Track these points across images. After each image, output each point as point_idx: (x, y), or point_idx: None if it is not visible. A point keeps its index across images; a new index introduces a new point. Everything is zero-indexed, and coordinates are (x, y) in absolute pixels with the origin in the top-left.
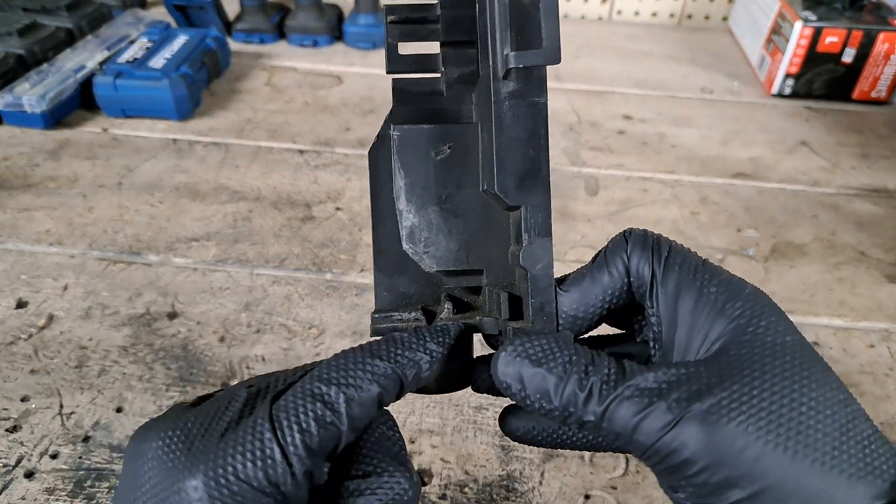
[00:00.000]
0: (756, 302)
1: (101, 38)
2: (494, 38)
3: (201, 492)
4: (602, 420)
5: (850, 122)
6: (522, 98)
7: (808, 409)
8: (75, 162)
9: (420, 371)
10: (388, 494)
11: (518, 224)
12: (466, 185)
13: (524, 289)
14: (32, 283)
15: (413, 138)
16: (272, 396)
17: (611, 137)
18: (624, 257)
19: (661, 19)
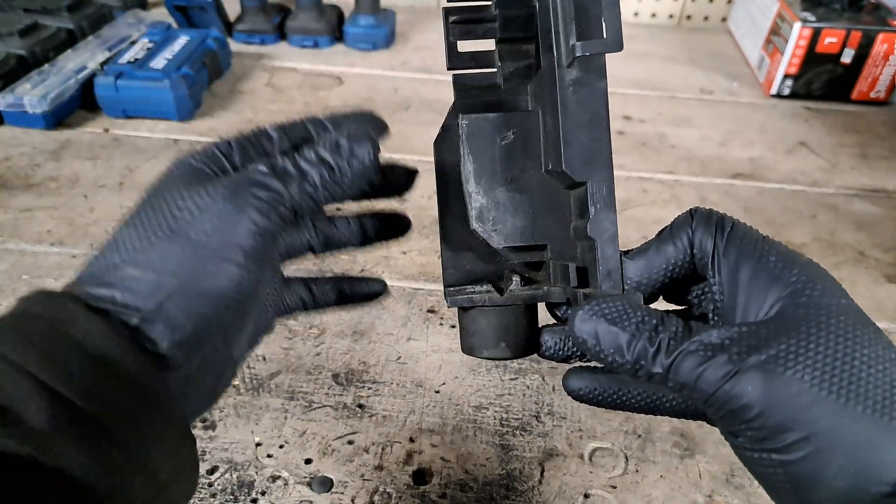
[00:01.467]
0: (811, 270)
1: (102, 38)
2: (558, 32)
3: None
4: (669, 372)
5: (850, 123)
6: (585, 84)
7: (861, 363)
8: (76, 162)
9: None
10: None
11: (583, 200)
12: (529, 167)
13: (591, 258)
14: (34, 283)
15: (480, 126)
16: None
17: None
18: (689, 231)
19: (660, 20)
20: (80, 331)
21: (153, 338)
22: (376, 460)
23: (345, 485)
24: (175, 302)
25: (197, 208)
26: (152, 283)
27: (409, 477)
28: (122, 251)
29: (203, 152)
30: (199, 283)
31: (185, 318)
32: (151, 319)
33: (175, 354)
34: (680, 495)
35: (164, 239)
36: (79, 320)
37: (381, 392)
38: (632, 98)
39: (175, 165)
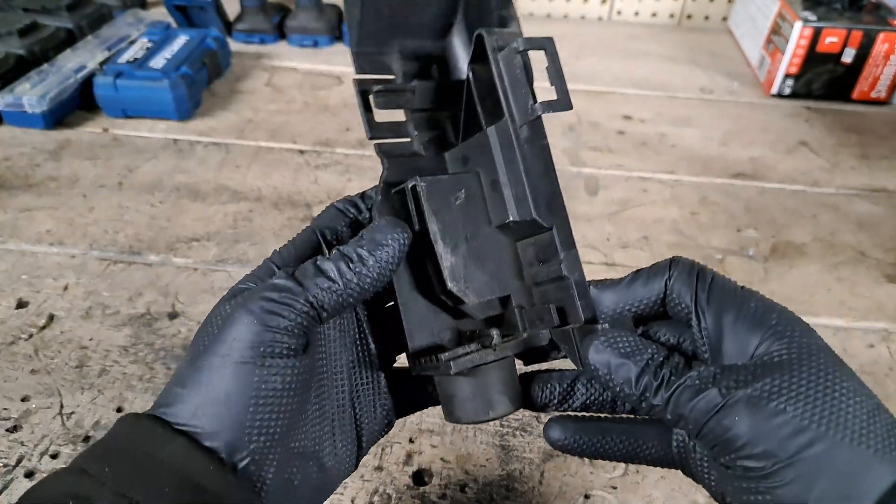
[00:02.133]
0: (788, 315)
1: (101, 38)
2: (507, 96)
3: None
4: (667, 404)
5: (850, 123)
6: (535, 141)
7: (840, 395)
8: (76, 162)
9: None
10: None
11: (546, 244)
12: (481, 223)
13: (567, 296)
14: (33, 283)
15: (438, 187)
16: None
17: (611, 137)
18: (666, 279)
19: (660, 20)
20: (166, 453)
21: (221, 457)
22: (376, 461)
23: (344, 485)
24: (216, 417)
25: (220, 323)
26: (199, 404)
27: (408, 477)
28: (178, 375)
29: (257, 270)
30: (234, 394)
31: (229, 431)
32: (213, 440)
33: (248, 471)
34: (680, 495)
35: (201, 356)
36: (164, 443)
37: None
38: (632, 98)
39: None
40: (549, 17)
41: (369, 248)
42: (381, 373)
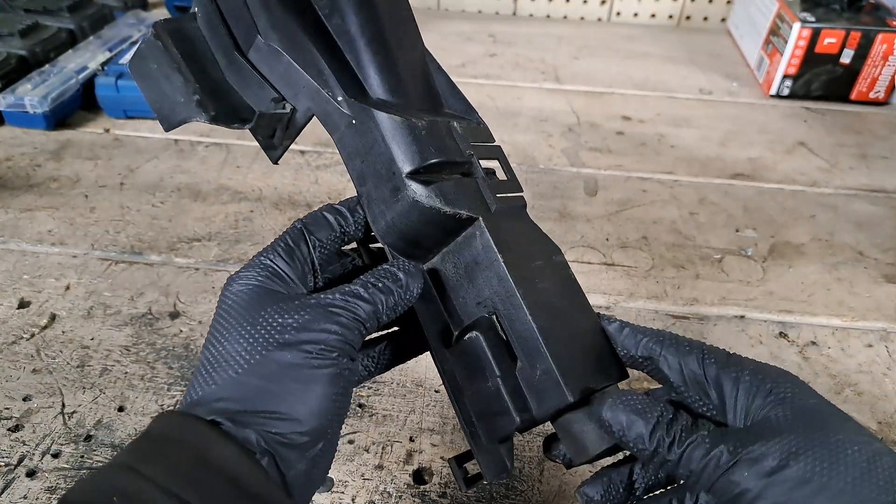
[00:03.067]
0: (780, 378)
1: (102, 39)
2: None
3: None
4: (680, 459)
5: (849, 123)
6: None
7: (838, 447)
8: (77, 162)
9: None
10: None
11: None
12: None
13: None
14: (34, 282)
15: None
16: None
17: (610, 138)
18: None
19: (659, 20)
20: (217, 455)
21: (281, 461)
22: (376, 460)
23: (345, 484)
24: (296, 423)
25: (299, 323)
26: (275, 412)
27: (409, 476)
28: (234, 365)
29: (260, 271)
30: (310, 391)
31: (307, 434)
32: (277, 449)
33: (297, 468)
34: None
35: (276, 350)
36: (215, 445)
37: (382, 392)
38: (631, 98)
39: (245, 287)
40: (549, 18)
41: (404, 292)
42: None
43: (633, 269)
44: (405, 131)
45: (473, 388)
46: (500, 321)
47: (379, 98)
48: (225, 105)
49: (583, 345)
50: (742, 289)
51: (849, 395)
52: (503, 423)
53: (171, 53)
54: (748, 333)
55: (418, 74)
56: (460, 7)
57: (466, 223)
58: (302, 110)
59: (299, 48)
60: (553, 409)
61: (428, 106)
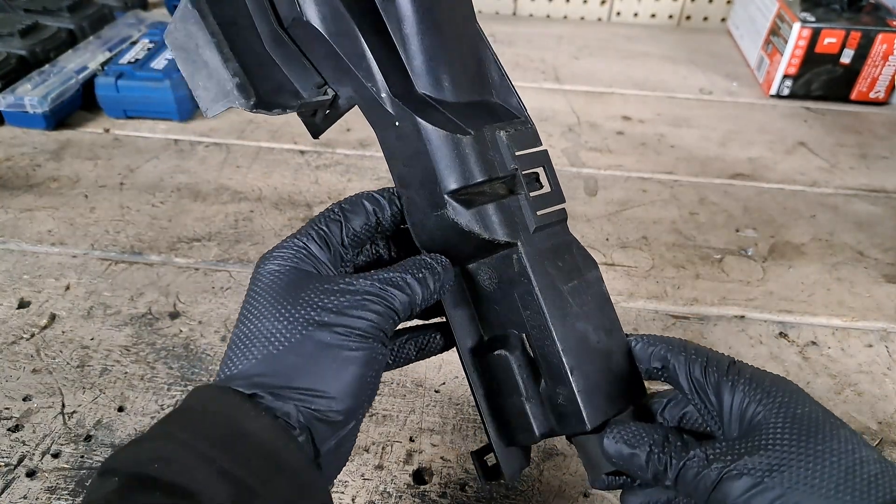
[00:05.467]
0: (776, 385)
1: (102, 39)
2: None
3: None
4: (676, 482)
5: (849, 123)
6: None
7: (817, 459)
8: (77, 162)
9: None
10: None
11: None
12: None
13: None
14: (34, 282)
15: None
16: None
17: (610, 138)
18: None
19: (660, 20)
20: (253, 427)
21: (317, 436)
22: (376, 460)
23: (345, 484)
24: (333, 401)
25: (337, 307)
26: (314, 390)
27: (409, 476)
28: (273, 342)
29: (296, 252)
30: (347, 372)
31: (342, 413)
32: (315, 424)
33: (329, 444)
34: None
35: (315, 330)
36: (251, 417)
37: (382, 391)
38: (631, 98)
39: (281, 266)
40: (549, 17)
41: (440, 282)
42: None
43: (633, 269)
44: (450, 147)
45: (499, 398)
46: (530, 342)
47: (424, 94)
48: (268, 85)
49: (607, 370)
50: (742, 289)
51: (849, 395)
52: (524, 435)
53: (208, 23)
54: (748, 333)
55: (470, 64)
56: None
57: (505, 245)
58: (344, 98)
59: (342, 31)
60: (571, 432)
61: (477, 100)
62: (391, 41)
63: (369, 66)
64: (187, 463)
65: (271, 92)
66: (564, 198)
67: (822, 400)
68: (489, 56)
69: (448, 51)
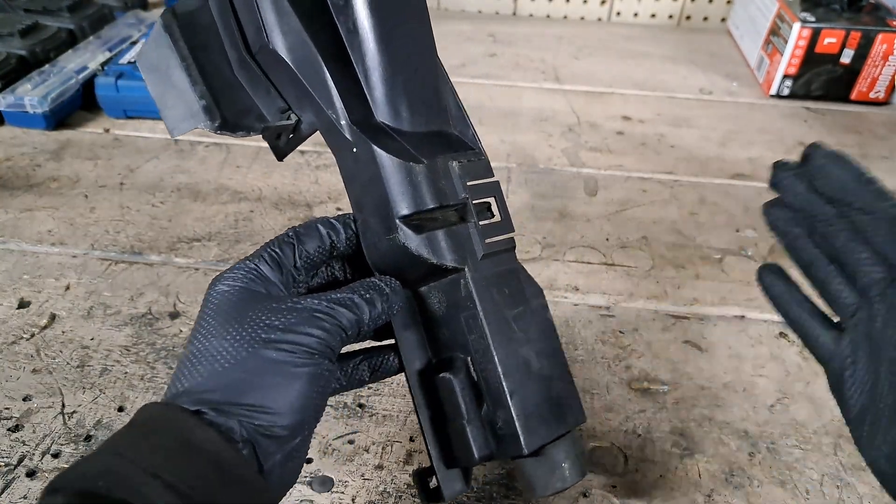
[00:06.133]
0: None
1: (102, 39)
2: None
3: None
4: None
5: (849, 123)
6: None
7: None
8: (77, 162)
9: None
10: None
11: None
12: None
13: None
14: (34, 282)
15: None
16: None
17: (610, 138)
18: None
19: (659, 20)
20: (199, 439)
21: (261, 451)
22: (377, 460)
23: (345, 484)
24: (277, 416)
25: (284, 324)
26: (258, 405)
27: (409, 476)
28: (220, 359)
29: (246, 273)
30: (292, 388)
31: (287, 428)
32: (258, 439)
33: (274, 458)
34: (679, 495)
35: (261, 347)
36: (197, 431)
37: (382, 391)
38: (631, 98)
39: (231, 287)
40: (549, 18)
41: (388, 305)
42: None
43: (633, 269)
44: (403, 175)
45: (442, 420)
46: (473, 366)
47: (383, 122)
48: (233, 108)
49: (547, 396)
50: (742, 289)
51: None
52: (463, 457)
53: (178, 48)
54: (748, 334)
55: (429, 96)
56: (460, 7)
57: (453, 270)
58: (306, 122)
59: (306, 60)
60: (509, 455)
61: (434, 130)
62: (354, 71)
63: (330, 94)
64: (133, 478)
65: (237, 114)
66: (513, 227)
67: (822, 400)
68: (448, 89)
69: (407, 83)
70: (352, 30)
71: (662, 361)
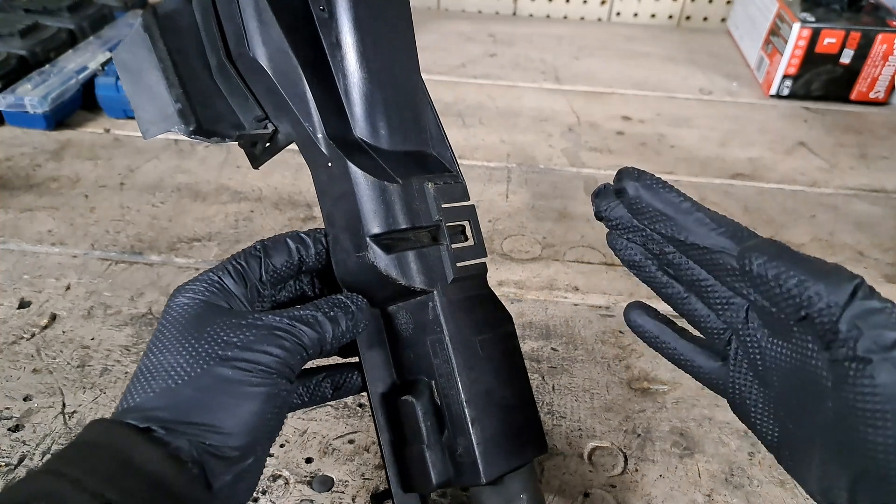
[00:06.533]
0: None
1: (102, 39)
2: None
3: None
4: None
5: (849, 123)
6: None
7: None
8: (77, 162)
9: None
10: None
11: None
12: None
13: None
14: (35, 282)
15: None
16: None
17: (610, 138)
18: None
19: (659, 20)
20: (142, 458)
21: (210, 471)
22: (377, 459)
23: (345, 484)
24: (228, 437)
25: (243, 342)
26: (208, 425)
27: None
28: (173, 375)
29: (208, 286)
30: (245, 408)
31: (238, 449)
32: (207, 459)
33: (223, 479)
34: (679, 494)
35: (216, 365)
36: (140, 449)
37: None
38: (631, 98)
39: (191, 300)
40: (549, 18)
41: (353, 323)
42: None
43: None
44: (376, 193)
45: (402, 443)
46: (437, 390)
47: (361, 138)
48: (209, 114)
49: (509, 425)
50: None
51: None
52: (421, 482)
53: (157, 49)
54: None
55: (408, 115)
56: (460, 7)
57: (421, 292)
58: (283, 133)
59: (285, 69)
60: (468, 483)
61: (412, 150)
62: (335, 85)
63: (308, 107)
64: (73, 498)
65: (212, 120)
66: (486, 252)
67: None
68: (428, 109)
69: (388, 101)
70: (335, 43)
71: (662, 361)
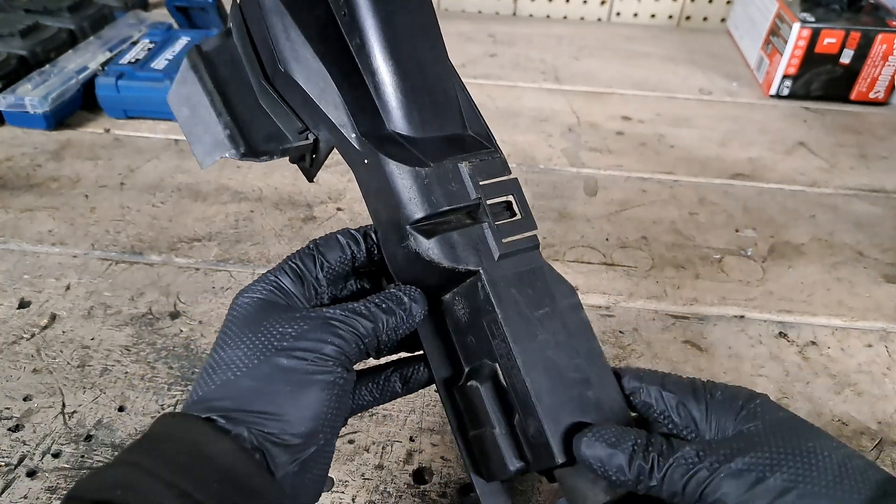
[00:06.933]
0: (750, 396)
1: (103, 39)
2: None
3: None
4: (662, 483)
5: (849, 123)
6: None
7: (811, 454)
8: (77, 162)
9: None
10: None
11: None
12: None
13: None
14: (35, 282)
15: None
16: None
17: (610, 138)
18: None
19: (659, 21)
20: (213, 449)
21: (271, 459)
22: (377, 459)
23: (345, 484)
24: (287, 424)
25: (297, 332)
26: (268, 412)
27: (409, 476)
28: (233, 368)
29: (266, 286)
30: (303, 395)
31: (298, 436)
32: (268, 447)
33: (286, 468)
34: None
35: (273, 355)
36: (210, 440)
37: None
38: (631, 98)
39: (251, 299)
40: (549, 18)
41: (407, 314)
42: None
43: (633, 269)
44: (409, 180)
45: (475, 430)
46: (501, 371)
47: (394, 130)
48: (257, 135)
49: (583, 399)
50: (742, 289)
51: (848, 395)
52: (500, 469)
53: (204, 83)
54: (748, 333)
55: (440, 101)
56: (460, 7)
57: (469, 274)
58: (323, 140)
59: (315, 78)
60: (545, 466)
61: (448, 134)
62: (364, 83)
63: (340, 110)
64: (150, 489)
65: (261, 140)
66: (536, 224)
67: (821, 400)
68: (461, 92)
69: (417, 90)
70: (359, 44)
71: (662, 361)
